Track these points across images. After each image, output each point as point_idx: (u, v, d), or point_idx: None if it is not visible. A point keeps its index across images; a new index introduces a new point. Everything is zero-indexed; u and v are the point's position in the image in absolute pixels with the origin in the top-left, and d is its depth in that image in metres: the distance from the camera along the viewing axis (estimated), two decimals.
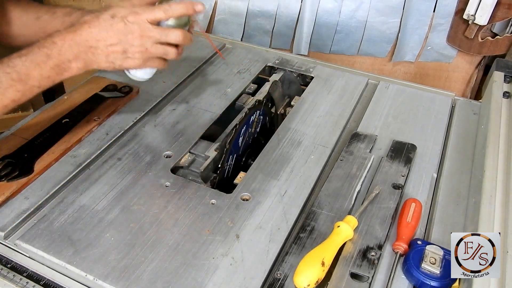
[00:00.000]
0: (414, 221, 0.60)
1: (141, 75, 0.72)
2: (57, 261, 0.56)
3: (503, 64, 0.87)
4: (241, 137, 0.84)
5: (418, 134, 0.78)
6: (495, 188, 0.62)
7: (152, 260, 0.56)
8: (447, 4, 1.17)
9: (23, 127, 0.76)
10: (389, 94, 0.89)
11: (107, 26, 0.62)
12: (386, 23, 1.23)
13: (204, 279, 0.54)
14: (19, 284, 0.56)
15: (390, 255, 0.58)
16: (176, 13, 0.64)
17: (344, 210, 0.63)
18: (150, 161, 0.71)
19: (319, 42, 1.31)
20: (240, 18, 1.32)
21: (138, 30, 0.62)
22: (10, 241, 0.59)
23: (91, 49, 0.62)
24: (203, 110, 0.84)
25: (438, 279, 0.53)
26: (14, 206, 0.62)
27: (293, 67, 0.97)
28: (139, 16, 0.62)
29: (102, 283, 0.54)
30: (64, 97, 0.83)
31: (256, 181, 0.68)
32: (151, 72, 0.73)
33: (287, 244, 0.60)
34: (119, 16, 0.62)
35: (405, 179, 0.68)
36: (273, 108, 0.96)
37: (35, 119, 0.77)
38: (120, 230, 0.60)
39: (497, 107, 0.77)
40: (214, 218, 0.62)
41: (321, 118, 0.82)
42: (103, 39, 0.62)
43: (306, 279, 0.52)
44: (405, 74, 1.34)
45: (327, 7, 1.24)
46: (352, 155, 0.73)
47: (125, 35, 0.62)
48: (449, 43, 1.23)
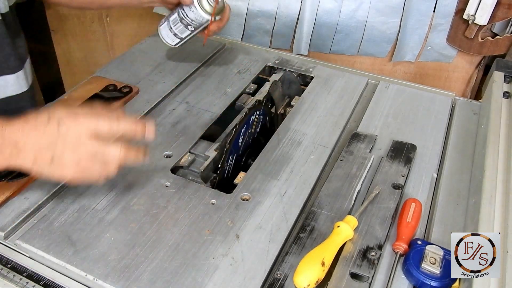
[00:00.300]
0: (414, 221, 0.60)
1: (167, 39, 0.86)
2: (57, 261, 0.56)
3: (503, 64, 0.87)
4: (241, 137, 0.84)
5: (418, 134, 0.78)
6: (495, 188, 0.62)
7: (152, 260, 0.56)
8: (447, 4, 1.17)
9: None
10: (389, 94, 0.89)
11: (41, 128, 0.53)
12: (386, 23, 1.23)
13: (204, 279, 0.54)
14: (19, 284, 0.56)
15: (390, 255, 0.58)
16: (122, 128, 0.55)
17: (344, 210, 0.63)
18: (150, 161, 0.71)
19: (319, 42, 1.31)
20: (240, 18, 1.32)
21: (72, 138, 0.53)
22: (10, 241, 0.59)
23: (16, 149, 0.53)
24: (203, 110, 0.84)
25: (438, 279, 0.53)
26: (14, 206, 0.62)
27: (293, 67, 0.97)
28: (78, 123, 0.53)
29: (102, 283, 0.54)
30: (64, 97, 0.83)
31: (256, 181, 0.68)
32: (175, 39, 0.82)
33: (287, 244, 0.60)
34: (56, 118, 0.53)
35: (405, 179, 0.68)
36: (273, 108, 0.96)
37: None
38: (120, 230, 0.60)
39: (497, 107, 0.77)
40: (214, 218, 0.62)
41: (321, 118, 0.82)
42: (32, 141, 0.52)
43: (306, 279, 0.52)
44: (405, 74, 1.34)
45: (327, 7, 1.23)
46: (352, 155, 0.73)
47: (55, 141, 0.52)
48: (449, 43, 1.23)
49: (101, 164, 0.55)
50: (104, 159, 0.55)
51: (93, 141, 0.54)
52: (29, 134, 0.53)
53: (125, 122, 0.55)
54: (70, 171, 0.54)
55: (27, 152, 0.53)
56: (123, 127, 0.55)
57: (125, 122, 0.55)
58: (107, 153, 0.54)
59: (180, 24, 0.84)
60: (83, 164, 0.54)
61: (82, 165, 0.54)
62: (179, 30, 0.85)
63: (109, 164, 0.55)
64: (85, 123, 0.53)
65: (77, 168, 0.54)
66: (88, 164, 0.54)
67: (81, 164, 0.54)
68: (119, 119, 0.55)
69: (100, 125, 0.54)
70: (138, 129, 0.56)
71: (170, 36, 0.87)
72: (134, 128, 0.56)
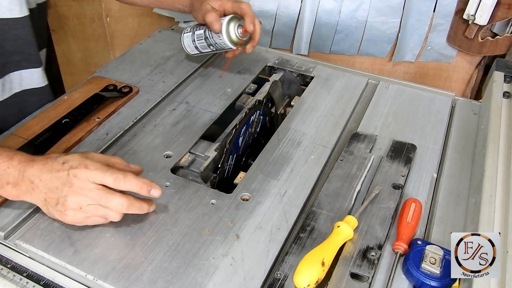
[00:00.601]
0: (414, 221, 0.60)
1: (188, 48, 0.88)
2: (57, 261, 0.56)
3: (503, 64, 0.87)
4: (241, 137, 0.85)
5: (418, 134, 0.78)
6: (495, 188, 0.62)
7: (152, 260, 0.56)
8: (447, 4, 1.17)
9: (23, 127, 0.76)
10: (389, 94, 0.89)
11: (54, 171, 0.56)
12: (386, 23, 1.23)
13: (204, 279, 0.54)
14: (19, 284, 0.56)
15: (390, 255, 0.58)
16: (126, 188, 0.57)
17: (344, 210, 0.63)
18: (150, 161, 0.71)
19: (319, 42, 1.31)
20: None
21: (77, 185, 0.55)
22: (10, 241, 0.59)
23: (32, 185, 0.57)
24: (203, 110, 0.84)
25: (438, 279, 0.53)
26: (14, 206, 0.62)
27: (293, 67, 0.97)
28: (85, 172, 0.56)
29: (102, 283, 0.54)
30: (64, 97, 0.83)
31: (256, 181, 0.68)
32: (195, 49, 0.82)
33: (287, 244, 0.60)
34: (68, 164, 0.56)
35: (405, 179, 0.68)
36: (273, 108, 0.96)
37: (35, 119, 0.77)
38: (120, 230, 0.60)
39: (497, 107, 0.77)
40: (214, 218, 0.62)
41: (321, 118, 0.82)
42: (44, 181, 0.56)
43: (306, 279, 0.52)
44: (405, 74, 1.34)
45: (327, 7, 1.23)
46: (352, 155, 0.73)
47: (62, 185, 0.56)
48: (449, 43, 1.23)
49: (103, 211, 0.57)
50: (107, 208, 0.57)
51: (99, 189, 0.56)
52: (43, 175, 0.56)
53: (131, 181, 0.57)
54: (71, 213, 0.57)
55: (39, 192, 0.57)
56: (128, 186, 0.57)
57: (131, 181, 0.57)
58: (110, 203, 0.56)
59: (203, 41, 0.85)
60: (85, 209, 0.56)
61: (84, 210, 0.56)
62: (201, 46, 0.87)
63: (111, 213, 0.57)
64: (93, 173, 0.56)
65: (79, 212, 0.57)
66: (90, 210, 0.57)
67: (83, 209, 0.56)
68: (126, 177, 0.57)
69: (106, 179, 0.56)
70: (143, 190, 0.57)
71: (191, 46, 0.88)
72: (139, 188, 0.57)
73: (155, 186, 0.58)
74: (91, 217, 0.58)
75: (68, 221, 0.58)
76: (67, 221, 0.58)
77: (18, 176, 0.57)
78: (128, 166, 0.62)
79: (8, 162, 0.57)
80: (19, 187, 0.57)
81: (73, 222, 0.58)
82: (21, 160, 0.58)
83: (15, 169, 0.57)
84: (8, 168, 0.57)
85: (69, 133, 0.74)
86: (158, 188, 0.58)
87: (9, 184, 0.57)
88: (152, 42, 1.04)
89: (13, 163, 0.57)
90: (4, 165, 0.57)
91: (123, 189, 0.57)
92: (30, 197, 0.58)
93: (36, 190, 0.57)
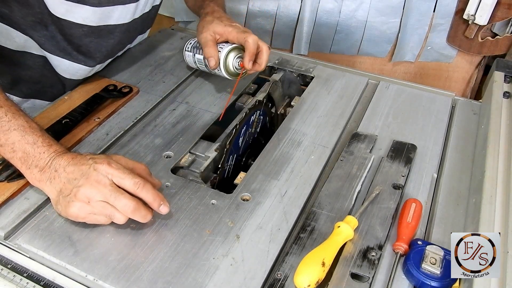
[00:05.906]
0: (415, 221, 0.60)
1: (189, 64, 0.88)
2: (57, 262, 0.56)
3: (503, 64, 0.87)
4: (241, 137, 0.85)
5: (418, 134, 0.78)
6: (495, 188, 0.62)
7: (152, 261, 0.56)
8: (447, 4, 1.17)
9: None
10: (389, 94, 0.89)
11: (79, 164, 0.58)
12: (386, 23, 1.23)
13: (205, 280, 0.54)
14: (20, 285, 0.56)
15: (390, 255, 0.58)
16: (142, 195, 0.58)
17: (344, 210, 0.63)
18: (150, 161, 0.71)
19: (319, 42, 1.31)
20: (240, 18, 1.32)
21: (94, 177, 0.57)
22: (10, 242, 0.59)
23: (55, 174, 0.59)
24: (203, 110, 0.84)
25: (439, 279, 0.53)
26: (14, 207, 0.62)
27: (293, 67, 0.97)
28: (106, 168, 0.57)
29: (103, 283, 0.54)
30: (64, 97, 0.83)
31: (256, 181, 0.68)
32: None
33: (287, 244, 0.60)
34: (93, 160, 0.59)
35: (405, 179, 0.68)
36: (273, 108, 0.96)
37: (35, 119, 0.77)
38: (120, 231, 0.60)
39: (497, 107, 0.77)
40: (214, 218, 0.62)
41: (321, 118, 0.82)
42: (67, 172, 0.58)
43: (307, 279, 0.52)
44: (405, 74, 1.34)
45: (327, 7, 1.24)
46: (352, 155, 0.73)
47: (80, 176, 0.57)
48: (449, 43, 1.23)
49: (110, 211, 0.57)
50: (114, 207, 0.57)
51: (112, 187, 0.57)
52: (68, 167, 0.59)
53: (148, 190, 0.58)
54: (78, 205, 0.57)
55: (59, 181, 0.59)
56: (144, 194, 0.58)
57: (148, 190, 0.58)
58: (118, 202, 0.57)
59: (204, 67, 0.85)
60: (93, 204, 0.57)
61: (92, 204, 0.57)
62: (202, 68, 0.87)
63: (116, 214, 0.57)
64: (114, 171, 0.57)
65: (86, 206, 0.57)
66: (97, 206, 0.57)
67: (91, 204, 0.57)
68: (145, 185, 0.58)
69: (126, 181, 0.57)
70: (155, 203, 0.59)
71: (192, 64, 0.88)
72: (152, 200, 0.58)
73: (166, 203, 0.59)
74: (95, 214, 0.57)
75: (71, 213, 0.58)
76: (70, 213, 0.58)
77: (48, 163, 0.59)
78: (150, 177, 0.63)
79: (45, 148, 0.60)
80: (44, 172, 0.59)
81: (75, 216, 0.58)
82: (57, 150, 0.60)
83: (49, 155, 0.60)
84: (44, 153, 0.60)
85: (69, 133, 0.74)
86: (168, 206, 0.59)
87: (37, 167, 0.60)
88: (152, 42, 1.04)
89: (49, 150, 0.60)
90: (41, 149, 0.60)
91: (139, 195, 0.58)
92: (48, 186, 0.59)
93: (57, 179, 0.59)
